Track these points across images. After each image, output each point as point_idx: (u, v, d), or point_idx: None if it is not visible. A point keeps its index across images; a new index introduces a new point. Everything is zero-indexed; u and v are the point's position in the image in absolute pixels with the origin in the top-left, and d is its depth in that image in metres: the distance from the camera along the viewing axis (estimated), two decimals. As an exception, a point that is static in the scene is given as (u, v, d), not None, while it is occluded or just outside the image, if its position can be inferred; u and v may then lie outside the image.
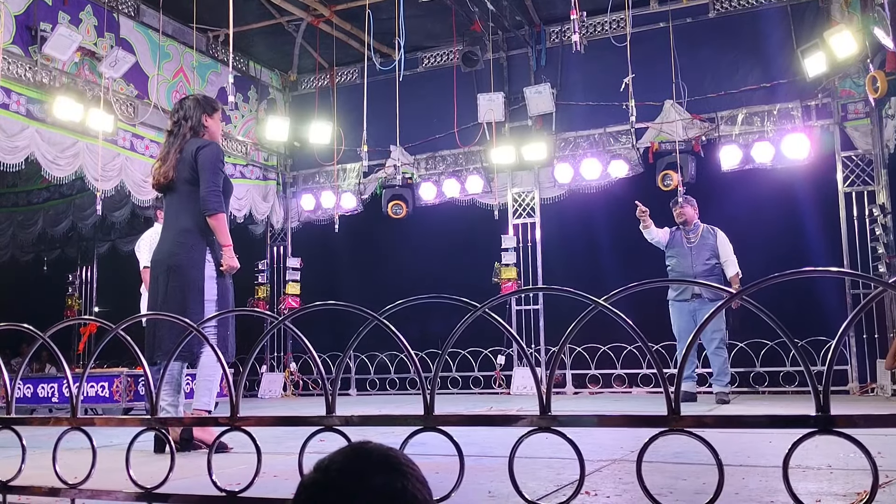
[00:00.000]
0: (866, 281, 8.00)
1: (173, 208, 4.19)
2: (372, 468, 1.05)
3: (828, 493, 2.48)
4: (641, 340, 1.84)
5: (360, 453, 1.09)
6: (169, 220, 4.21)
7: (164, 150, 4.24)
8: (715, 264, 7.04)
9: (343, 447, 1.12)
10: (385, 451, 1.10)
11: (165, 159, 4.18)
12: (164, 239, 4.17)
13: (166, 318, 2.68)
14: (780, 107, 8.69)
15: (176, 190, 4.15)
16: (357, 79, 10.84)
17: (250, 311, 2.44)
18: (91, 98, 8.00)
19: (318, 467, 1.08)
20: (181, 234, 4.11)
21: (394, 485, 1.04)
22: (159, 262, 4.12)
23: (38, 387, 7.42)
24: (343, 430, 2.13)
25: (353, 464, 1.06)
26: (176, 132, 4.22)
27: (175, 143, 4.20)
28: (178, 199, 4.17)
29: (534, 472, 2.97)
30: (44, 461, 2.59)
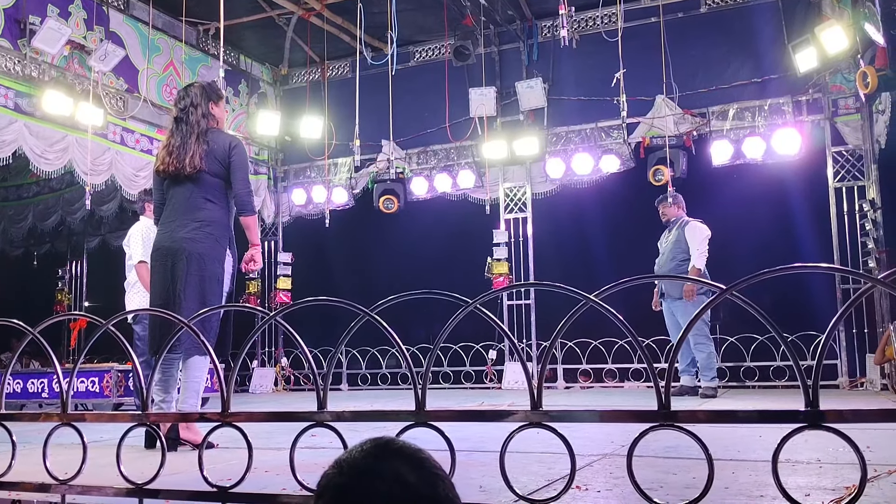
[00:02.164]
0: (856, 277, 8.05)
1: (194, 196, 4.07)
2: (409, 470, 1.00)
3: (817, 487, 2.49)
4: (632, 335, 1.84)
5: (392, 452, 1.03)
6: (186, 207, 4.07)
7: (177, 138, 4.11)
8: (683, 260, 6.99)
9: (367, 445, 1.05)
10: (416, 450, 1.05)
11: (182, 147, 4.06)
12: (181, 224, 4.03)
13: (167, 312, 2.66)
14: (771, 102, 8.71)
15: (199, 179, 4.07)
16: (348, 73, 10.81)
17: (241, 306, 2.43)
18: (80, 92, 7.95)
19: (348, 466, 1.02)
20: (208, 225, 4.03)
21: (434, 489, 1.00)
22: (173, 248, 4.00)
23: (27, 382, 7.39)
24: (334, 426, 2.13)
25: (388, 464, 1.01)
26: (186, 119, 4.13)
27: (191, 132, 4.10)
28: (202, 189, 4.08)
29: (525, 466, 2.98)
30: (34, 457, 2.58)
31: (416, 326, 9.36)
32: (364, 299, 2.40)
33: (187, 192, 4.08)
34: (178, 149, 4.07)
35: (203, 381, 4.03)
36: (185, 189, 4.09)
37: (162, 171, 4.13)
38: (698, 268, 6.82)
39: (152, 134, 9.10)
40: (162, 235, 4.12)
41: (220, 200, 4.12)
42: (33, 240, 12.58)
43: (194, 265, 3.96)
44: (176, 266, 3.97)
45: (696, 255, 6.88)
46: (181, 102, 4.21)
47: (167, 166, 4.09)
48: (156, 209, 4.29)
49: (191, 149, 4.05)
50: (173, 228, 4.05)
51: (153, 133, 9.11)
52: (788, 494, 1.65)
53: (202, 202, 4.06)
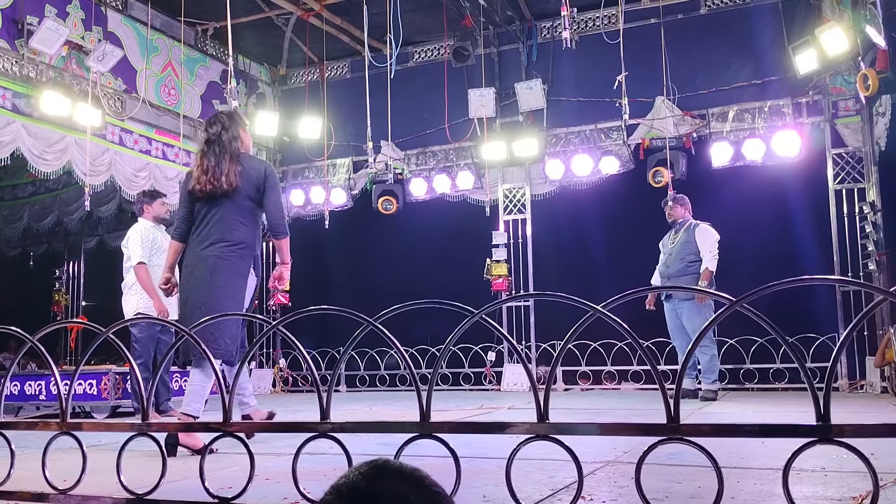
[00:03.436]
0: (867, 290, 8.01)
1: (227, 217, 4.26)
2: (409, 490, 0.99)
3: (823, 496, 2.47)
4: (637, 344, 1.82)
5: (390, 473, 1.02)
6: (219, 227, 4.25)
7: (211, 158, 4.28)
8: (692, 262, 7.06)
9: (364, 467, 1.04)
10: (414, 470, 1.04)
11: (218, 166, 4.24)
12: (212, 244, 4.22)
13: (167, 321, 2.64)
14: (771, 104, 8.69)
15: (233, 199, 4.25)
16: (347, 73, 10.79)
17: (245, 315, 2.40)
18: (78, 92, 7.91)
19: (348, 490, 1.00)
20: (237, 246, 4.24)
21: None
22: (202, 259, 4.20)
23: (24, 384, 7.35)
24: (337, 437, 2.11)
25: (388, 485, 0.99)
26: (218, 141, 4.32)
27: (224, 153, 4.29)
28: (234, 210, 4.26)
29: (528, 475, 2.95)
30: (33, 463, 2.56)
31: (416, 328, 9.33)
32: (363, 301, 2.39)
33: (221, 212, 4.26)
34: (213, 168, 4.24)
35: (208, 388, 4.11)
36: (219, 209, 4.27)
37: (198, 190, 4.26)
38: (711, 270, 6.90)
39: (150, 135, 9.06)
40: (193, 254, 4.28)
41: (250, 222, 4.33)
42: (30, 240, 12.52)
43: (217, 278, 4.15)
44: (203, 277, 4.16)
45: (709, 257, 6.96)
46: (213, 127, 4.40)
47: (203, 185, 4.24)
48: (179, 224, 4.40)
49: (226, 168, 4.24)
50: (202, 248, 4.24)
51: (151, 133, 9.07)
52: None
53: (234, 223, 4.26)
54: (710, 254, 6.98)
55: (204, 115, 9.84)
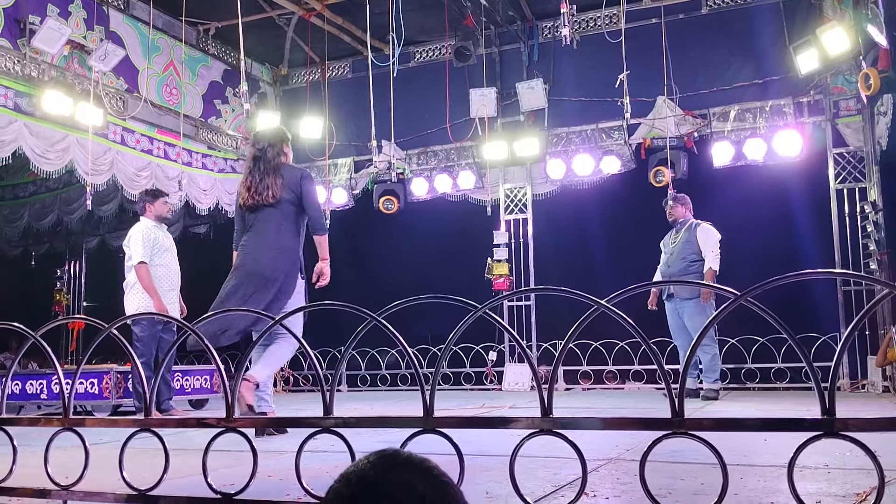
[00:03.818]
0: (869, 283, 8.00)
1: (273, 223, 4.79)
2: (417, 479, 1.00)
3: (827, 493, 2.47)
4: (644, 342, 1.82)
5: (399, 462, 1.03)
6: (266, 233, 4.79)
7: (255, 175, 4.81)
8: (693, 261, 7.07)
9: (372, 457, 1.05)
10: (423, 460, 1.05)
11: (261, 183, 4.77)
12: (263, 251, 4.76)
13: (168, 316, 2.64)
14: (773, 103, 8.69)
15: (277, 208, 4.77)
16: (348, 73, 10.79)
17: (248, 310, 2.40)
18: (80, 92, 7.91)
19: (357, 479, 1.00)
20: (284, 252, 4.78)
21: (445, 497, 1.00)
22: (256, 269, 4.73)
23: (26, 383, 7.35)
24: (341, 432, 2.11)
25: (396, 474, 1.00)
26: (263, 157, 4.83)
27: (268, 169, 4.80)
28: (279, 217, 4.79)
29: (531, 471, 2.95)
30: (35, 460, 2.55)
31: (417, 327, 9.32)
32: (364, 300, 2.39)
33: (266, 221, 4.80)
34: (257, 185, 4.78)
35: (279, 363, 4.82)
36: (265, 217, 4.80)
37: (243, 205, 4.85)
38: (714, 269, 6.90)
39: (152, 134, 9.07)
40: (246, 257, 4.82)
41: (293, 226, 4.85)
42: (31, 239, 12.53)
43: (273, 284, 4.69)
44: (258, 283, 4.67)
45: (712, 257, 6.98)
46: (258, 144, 4.91)
47: (245, 200, 4.81)
48: (237, 236, 4.99)
49: (269, 184, 4.75)
50: (257, 255, 4.78)
51: (153, 133, 9.08)
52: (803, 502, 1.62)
53: (279, 229, 4.79)
54: (713, 253, 6.98)
55: (206, 115, 9.86)
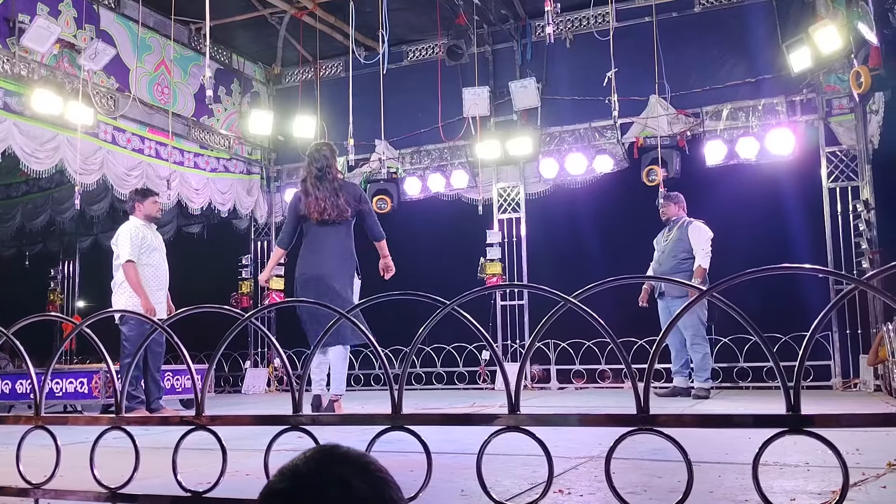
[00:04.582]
0: (838, 278, 7.99)
1: (336, 234, 5.45)
2: (353, 474, 0.99)
3: (803, 491, 2.46)
4: (610, 337, 1.81)
5: (337, 458, 1.02)
6: (329, 242, 5.45)
7: (321, 191, 5.41)
8: (684, 259, 7.03)
9: (312, 451, 1.05)
10: (361, 455, 1.04)
11: (326, 200, 5.39)
12: (325, 258, 5.43)
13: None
14: (765, 102, 8.68)
15: (341, 221, 5.43)
16: (341, 72, 10.77)
17: (219, 308, 2.39)
18: (70, 91, 7.89)
19: (290, 473, 1.00)
20: (348, 259, 5.54)
21: (380, 494, 0.98)
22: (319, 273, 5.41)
23: (16, 383, 7.33)
24: (310, 430, 2.09)
25: (332, 469, 0.99)
26: (324, 177, 5.44)
27: (331, 188, 5.43)
28: (343, 228, 5.47)
29: (510, 469, 2.94)
30: (6, 459, 2.54)
31: (412, 327, 9.29)
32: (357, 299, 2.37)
33: (331, 232, 5.43)
34: (323, 201, 5.39)
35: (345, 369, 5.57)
36: (330, 229, 5.43)
37: (310, 216, 5.42)
38: (704, 267, 6.85)
39: (143, 133, 9.05)
40: (308, 264, 5.48)
41: (350, 235, 5.53)
42: (25, 239, 12.52)
43: (338, 286, 5.38)
44: (320, 286, 5.35)
45: (702, 255, 6.93)
46: (318, 163, 5.47)
47: (318, 214, 5.41)
48: (284, 236, 5.64)
49: (336, 202, 5.37)
50: (319, 261, 5.43)
51: (144, 132, 9.06)
52: (769, 500, 1.61)
53: (341, 238, 5.46)
54: (703, 251, 6.94)
55: (197, 115, 9.83)
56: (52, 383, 7.03)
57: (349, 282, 5.53)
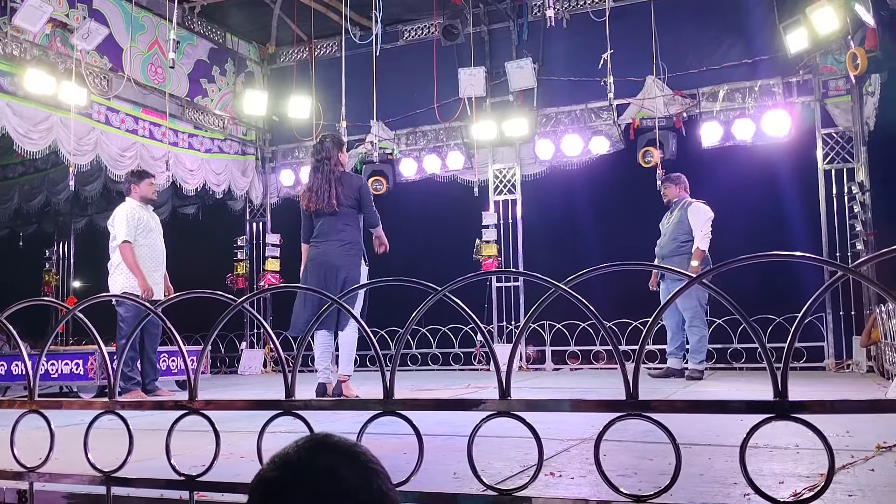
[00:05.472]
0: (827, 266, 8.02)
1: (336, 223, 5.59)
2: (341, 464, 1.00)
3: (792, 474, 2.48)
4: (600, 324, 1.82)
5: (327, 447, 1.03)
6: (331, 230, 5.59)
7: (317, 182, 5.58)
8: (684, 242, 6.94)
9: (302, 440, 1.06)
10: (351, 445, 1.05)
11: (321, 190, 5.54)
12: (331, 245, 5.57)
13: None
14: (762, 83, 8.65)
15: (338, 211, 5.56)
16: (336, 52, 10.68)
17: (211, 293, 2.39)
18: (63, 71, 7.83)
19: (280, 462, 1.01)
20: (349, 245, 5.61)
21: (368, 483, 1.00)
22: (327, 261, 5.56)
23: (11, 364, 7.35)
24: (301, 415, 2.10)
25: (321, 459, 1.01)
26: (322, 168, 5.59)
27: (328, 177, 5.56)
28: (341, 218, 5.59)
29: (502, 452, 2.96)
30: (4, 442, 2.55)
31: (408, 310, 9.32)
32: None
33: (331, 221, 5.59)
34: (318, 192, 5.55)
35: (354, 349, 5.68)
36: (330, 219, 5.59)
37: (307, 208, 5.63)
38: (702, 249, 6.77)
39: (137, 114, 8.99)
40: (317, 252, 5.63)
41: (354, 224, 5.66)
42: (19, 220, 12.48)
43: (343, 272, 5.51)
44: (329, 273, 5.51)
45: (700, 236, 6.85)
46: (318, 154, 5.65)
47: (308, 206, 5.60)
48: (304, 232, 5.77)
49: (328, 192, 5.50)
50: (326, 248, 5.58)
51: (138, 113, 9.01)
52: (755, 486, 1.62)
53: (343, 227, 5.59)
54: (702, 233, 6.86)
55: (192, 94, 9.78)
56: (48, 365, 7.04)
57: (356, 270, 5.63)
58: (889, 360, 6.16)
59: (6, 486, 2.65)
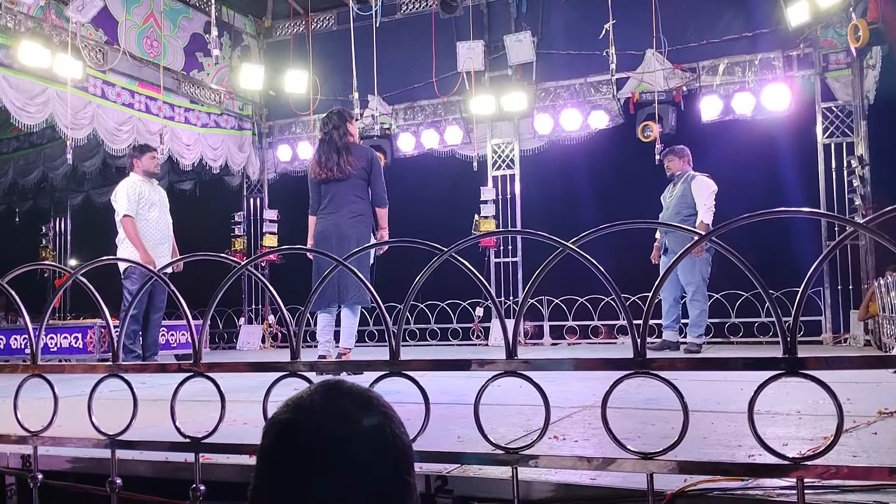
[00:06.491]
0: (837, 221, 8.02)
1: (347, 193, 5.48)
2: (355, 408, 1.00)
3: (795, 437, 2.49)
4: (606, 280, 1.81)
5: (340, 392, 1.03)
6: (341, 202, 5.48)
7: (325, 153, 5.50)
8: (687, 216, 6.86)
9: (317, 385, 1.05)
10: (364, 390, 1.05)
11: (329, 160, 5.45)
12: (340, 216, 5.47)
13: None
14: (762, 56, 8.61)
15: (348, 181, 5.47)
16: (333, 25, 10.60)
17: (215, 255, 2.38)
18: (58, 43, 7.75)
19: (294, 405, 1.01)
20: (358, 216, 5.50)
21: (381, 426, 0.99)
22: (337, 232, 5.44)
23: (10, 338, 7.34)
24: (307, 376, 2.09)
25: (334, 402, 1.00)
26: (330, 140, 5.51)
27: (337, 145, 5.47)
28: (351, 188, 5.49)
29: (505, 417, 2.97)
30: (7, 410, 2.54)
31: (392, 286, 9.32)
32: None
33: (340, 191, 5.49)
34: (326, 161, 5.48)
35: (356, 325, 5.62)
36: (339, 188, 5.49)
37: (315, 177, 5.57)
38: (707, 223, 6.71)
39: (133, 87, 8.92)
40: (326, 223, 5.53)
41: (363, 196, 5.55)
42: (15, 196, 12.42)
43: (353, 244, 5.25)
44: (339, 245, 5.32)
45: (704, 209, 6.79)
46: (326, 126, 5.59)
47: (319, 174, 5.53)
48: (312, 204, 5.67)
49: (337, 160, 5.44)
50: (336, 219, 5.49)
51: (134, 86, 8.93)
52: (763, 440, 1.62)
53: (352, 198, 5.48)
54: (706, 206, 6.79)
55: (187, 68, 9.69)
56: (47, 338, 7.04)
57: (365, 242, 5.53)
58: (887, 332, 6.18)
59: (10, 451, 2.65)
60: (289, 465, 0.96)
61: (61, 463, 2.56)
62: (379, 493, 0.97)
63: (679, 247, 6.89)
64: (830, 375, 1.60)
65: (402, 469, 1.00)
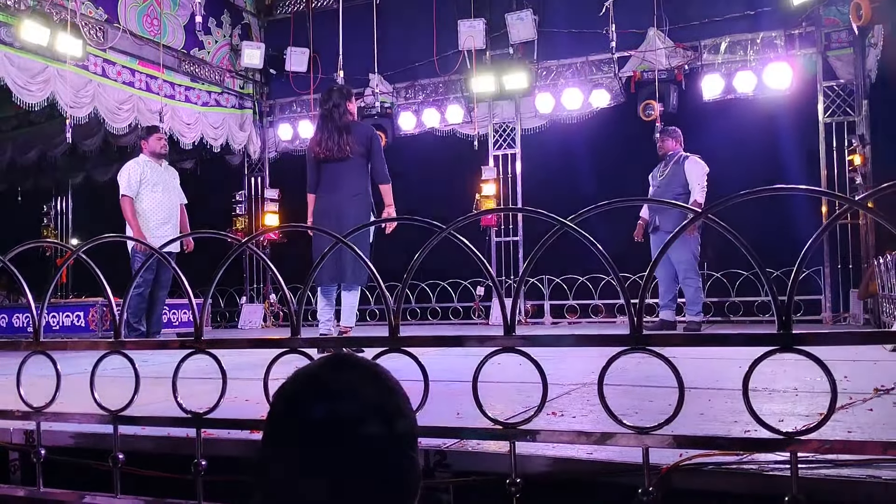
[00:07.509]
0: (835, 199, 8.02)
1: (347, 173, 5.47)
2: (362, 381, 1.01)
3: (791, 413, 2.51)
4: (604, 258, 1.82)
5: (348, 364, 1.04)
6: (341, 180, 5.49)
7: (326, 130, 5.47)
8: (679, 195, 6.90)
9: (323, 358, 1.06)
10: (372, 364, 1.06)
11: (330, 138, 5.42)
12: (340, 195, 5.45)
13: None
14: (764, 35, 8.56)
15: (348, 160, 5.44)
16: (334, 3, 10.53)
17: (215, 233, 2.39)
18: (58, 21, 7.71)
19: (303, 377, 1.02)
20: (358, 195, 5.47)
21: (387, 400, 1.01)
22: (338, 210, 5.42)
23: (12, 317, 7.38)
24: (308, 353, 2.11)
25: (343, 375, 1.02)
26: (331, 117, 5.47)
27: (337, 124, 5.44)
28: (351, 166, 5.46)
29: (503, 394, 3.00)
30: (10, 387, 2.57)
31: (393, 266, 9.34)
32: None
33: (340, 171, 5.47)
34: (327, 140, 5.44)
35: (356, 304, 5.58)
36: (338, 167, 5.47)
37: (315, 157, 5.50)
38: (700, 202, 6.76)
39: (134, 66, 8.88)
40: (325, 202, 5.51)
41: (362, 174, 5.52)
42: (16, 175, 12.40)
43: (352, 222, 5.10)
44: (339, 223, 5.20)
45: (698, 189, 6.86)
46: (326, 104, 5.53)
47: (318, 154, 5.47)
48: (310, 182, 5.61)
49: (338, 139, 5.41)
50: (335, 198, 5.47)
51: (135, 65, 8.89)
52: (757, 415, 1.65)
53: (352, 177, 5.46)
54: (699, 186, 6.88)
55: (188, 47, 9.65)
56: (49, 317, 7.08)
57: (364, 221, 5.50)
58: (887, 312, 6.20)
59: (13, 427, 2.68)
60: (295, 437, 0.97)
61: (64, 438, 2.58)
62: (383, 467, 0.98)
63: (673, 226, 6.90)
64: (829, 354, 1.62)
65: (407, 444, 1.01)
